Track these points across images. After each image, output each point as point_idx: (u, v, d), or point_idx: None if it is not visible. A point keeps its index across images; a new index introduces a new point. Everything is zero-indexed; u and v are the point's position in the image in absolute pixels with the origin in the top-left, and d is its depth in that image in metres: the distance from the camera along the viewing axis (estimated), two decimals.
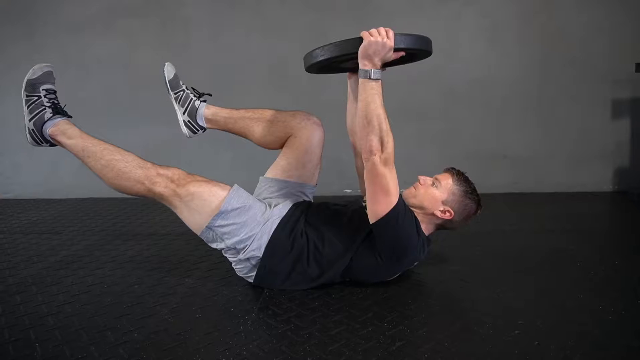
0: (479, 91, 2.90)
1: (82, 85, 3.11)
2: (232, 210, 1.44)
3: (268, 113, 1.68)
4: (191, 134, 1.69)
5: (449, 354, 1.11)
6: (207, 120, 1.68)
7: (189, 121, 1.65)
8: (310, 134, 1.64)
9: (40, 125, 1.53)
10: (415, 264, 1.53)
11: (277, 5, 2.94)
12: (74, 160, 3.37)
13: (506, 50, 2.86)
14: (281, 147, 1.68)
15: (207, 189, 1.46)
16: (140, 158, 1.52)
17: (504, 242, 1.94)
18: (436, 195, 1.47)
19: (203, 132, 1.70)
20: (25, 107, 1.54)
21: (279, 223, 1.46)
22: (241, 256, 1.46)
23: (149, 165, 1.49)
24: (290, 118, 1.66)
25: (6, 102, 3.19)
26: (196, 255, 1.88)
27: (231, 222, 1.43)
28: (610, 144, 2.87)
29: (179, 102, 1.70)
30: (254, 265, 1.47)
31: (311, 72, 1.60)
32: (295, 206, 1.54)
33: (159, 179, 1.46)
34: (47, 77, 1.57)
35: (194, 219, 1.47)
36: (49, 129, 1.53)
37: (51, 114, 1.53)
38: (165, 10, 3.01)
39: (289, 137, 1.66)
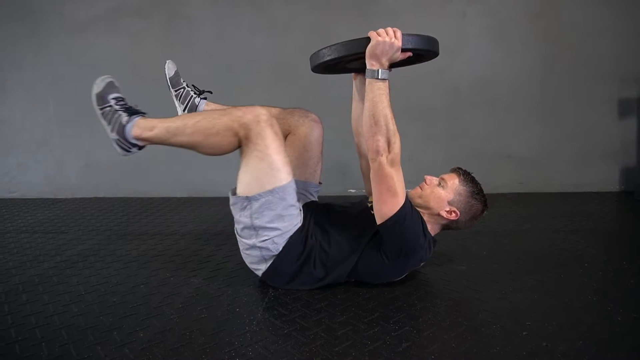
0: (484, 90, 2.88)
1: (86, 84, 3.11)
2: (282, 197, 1.40)
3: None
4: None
5: (456, 355, 1.10)
6: None
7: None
8: (308, 130, 1.65)
9: (122, 131, 1.50)
10: (422, 264, 1.52)
11: (281, 5, 2.93)
12: (79, 159, 3.40)
13: (511, 49, 2.85)
14: None
15: (281, 162, 1.40)
16: (219, 108, 1.45)
17: (510, 243, 1.93)
18: (442, 196, 1.46)
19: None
20: (103, 121, 1.54)
21: (299, 227, 1.46)
22: (257, 241, 1.42)
23: (230, 109, 1.44)
24: (288, 115, 1.67)
25: (11, 102, 3.20)
26: (201, 255, 1.88)
27: (272, 205, 1.39)
28: (616, 143, 2.85)
29: (179, 99, 1.70)
30: (264, 258, 1.45)
31: (317, 72, 1.60)
32: (306, 208, 1.54)
33: (247, 116, 1.38)
34: (111, 87, 1.56)
35: (248, 180, 1.41)
36: (132, 132, 1.49)
37: (127, 116, 1.51)
38: (169, 9, 3.01)
39: (288, 134, 1.66)
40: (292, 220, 1.43)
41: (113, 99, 1.55)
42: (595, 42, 2.78)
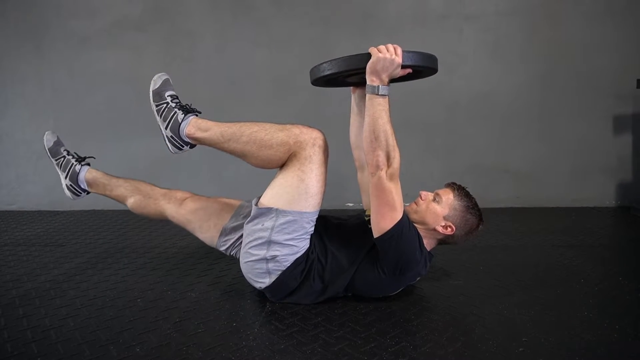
0: (482, 105, 2.91)
1: (88, 98, 3.15)
2: (308, 222, 1.42)
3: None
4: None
5: None
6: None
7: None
8: None
9: (176, 129, 1.51)
10: (418, 279, 1.52)
11: (282, 20, 2.98)
12: None
13: (508, 64, 2.89)
14: None
15: (319, 190, 1.42)
16: (279, 123, 1.46)
17: (506, 257, 1.94)
18: (437, 211, 1.47)
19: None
20: (158, 118, 1.55)
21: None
22: (266, 254, 1.42)
23: (288, 126, 1.44)
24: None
25: (12, 115, 3.22)
26: (199, 268, 1.88)
27: (296, 227, 1.40)
28: (612, 159, 2.88)
29: (60, 169, 1.84)
30: (270, 272, 1.44)
31: (317, 85, 1.62)
32: None
33: (304, 136, 1.39)
34: (167, 84, 1.59)
35: (281, 192, 1.41)
36: (185, 130, 1.50)
37: (183, 115, 1.52)
38: (170, 23, 3.06)
39: None
40: (305, 242, 1.45)
41: (169, 96, 1.57)
42: (592, 58, 2.82)
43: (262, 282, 1.47)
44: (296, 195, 1.40)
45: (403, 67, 1.33)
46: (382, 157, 1.31)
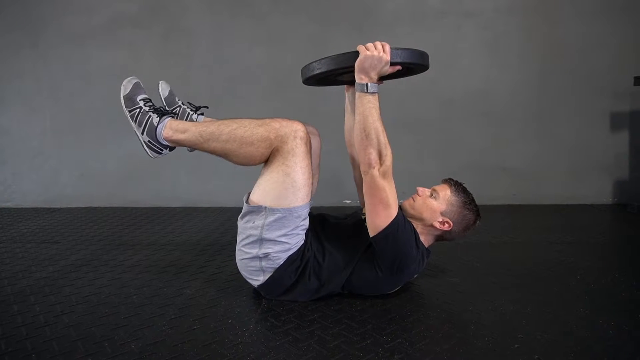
0: (479, 103, 2.91)
1: (84, 95, 3.13)
2: (298, 217, 1.40)
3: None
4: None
5: None
6: None
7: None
8: None
9: (153, 133, 1.49)
10: (415, 276, 1.52)
11: (279, 17, 2.97)
12: (74, 169, 3.39)
13: (506, 62, 2.89)
14: None
15: (305, 182, 1.39)
16: (259, 119, 1.44)
17: (503, 254, 1.94)
18: (434, 207, 1.47)
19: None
20: (133, 123, 1.52)
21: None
22: (259, 252, 1.41)
23: (268, 120, 1.42)
24: None
25: (8, 112, 3.21)
26: (195, 265, 1.88)
27: (286, 223, 1.39)
28: (609, 156, 2.88)
29: (176, 118, 1.70)
30: (263, 270, 1.44)
31: (309, 85, 1.62)
32: None
33: (284, 129, 1.37)
34: (137, 88, 1.56)
35: (268, 189, 1.40)
36: (162, 133, 1.48)
37: (158, 118, 1.50)
38: (168, 21, 3.04)
39: None
40: (299, 239, 1.44)
41: (141, 100, 1.54)
42: (590, 56, 2.82)
43: (257, 279, 1.47)
44: (283, 191, 1.39)
45: (392, 64, 1.33)
46: (374, 155, 1.30)
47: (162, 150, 1.52)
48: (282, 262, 1.42)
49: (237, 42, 3.01)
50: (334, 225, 1.55)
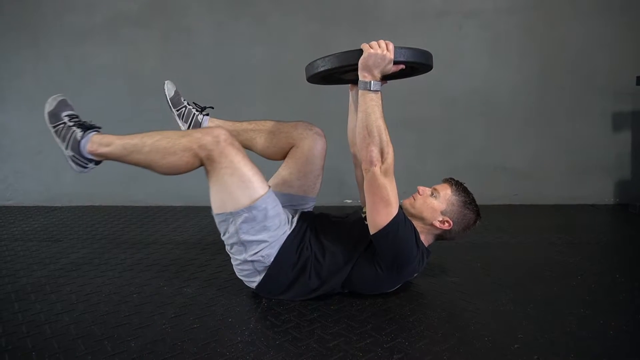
0: (480, 102, 2.91)
1: (85, 93, 3.14)
2: (263, 209, 1.40)
3: (270, 124, 1.69)
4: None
5: None
6: None
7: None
8: (312, 144, 1.65)
9: (77, 147, 1.50)
10: (415, 275, 1.52)
11: (280, 16, 2.97)
12: None
13: (507, 62, 2.88)
14: (284, 157, 1.69)
15: (251, 173, 1.40)
16: (180, 131, 1.46)
17: (504, 254, 1.93)
18: (435, 206, 1.47)
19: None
20: (57, 139, 1.53)
21: (289, 235, 1.46)
22: (247, 256, 1.43)
23: (190, 131, 1.45)
24: (292, 129, 1.67)
25: (9, 110, 3.21)
26: (195, 264, 1.88)
27: (256, 219, 1.40)
28: (611, 156, 2.87)
29: (182, 119, 1.71)
30: (257, 271, 1.45)
31: (312, 83, 1.62)
32: (303, 218, 1.55)
33: (206, 137, 1.39)
34: (63, 105, 1.57)
35: (222, 197, 1.41)
36: (87, 148, 1.49)
37: (81, 132, 1.52)
38: (168, 19, 3.04)
39: (292, 147, 1.66)
40: (278, 230, 1.44)
41: (66, 116, 1.55)
42: (590, 56, 2.81)
43: (253, 280, 1.48)
44: (235, 190, 1.39)
45: (396, 62, 1.33)
46: (376, 152, 1.30)
47: (87, 164, 1.53)
48: (272, 259, 1.42)
49: (237, 42, 3.01)
50: (334, 224, 1.55)
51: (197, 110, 1.72)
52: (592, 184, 2.89)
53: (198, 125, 1.70)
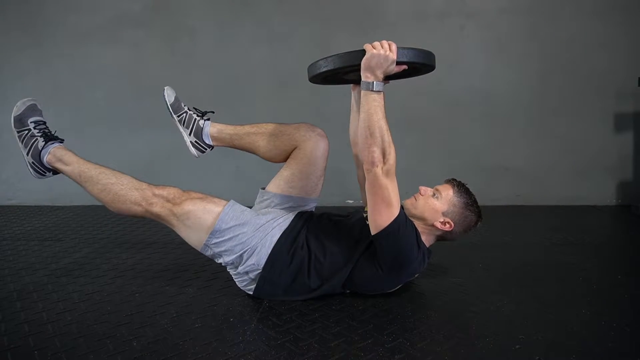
0: (482, 103, 2.91)
1: (88, 93, 3.15)
2: (227, 228, 1.45)
3: (272, 127, 1.68)
4: (199, 153, 1.71)
5: None
6: (213, 138, 1.70)
7: (196, 142, 1.67)
8: (314, 145, 1.64)
9: (37, 156, 1.57)
10: (416, 275, 1.52)
11: (282, 16, 2.97)
12: None
13: (509, 62, 2.88)
14: (285, 159, 1.69)
15: (202, 206, 1.48)
16: (136, 179, 1.54)
17: (505, 255, 1.93)
18: (436, 206, 1.47)
19: (211, 150, 1.72)
20: (20, 144, 1.60)
21: (280, 236, 1.46)
22: (240, 270, 1.47)
23: (144, 186, 1.51)
24: (294, 131, 1.67)
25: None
26: (197, 264, 1.88)
27: (226, 238, 1.45)
28: (613, 157, 2.87)
29: (183, 124, 1.72)
30: (253, 279, 1.47)
31: (315, 83, 1.62)
32: (298, 217, 1.55)
33: (155, 199, 1.48)
34: (31, 110, 1.61)
35: (192, 237, 1.50)
36: (46, 158, 1.57)
37: (43, 142, 1.58)
38: (171, 20, 3.05)
39: (294, 149, 1.66)
40: (250, 230, 1.47)
41: (32, 122, 1.60)
42: (592, 57, 2.81)
43: (252, 287, 1.50)
44: (196, 229, 1.47)
45: (398, 63, 1.33)
46: (378, 153, 1.30)
47: (45, 172, 1.61)
48: (263, 263, 1.44)
49: (239, 42, 3.01)
50: (335, 224, 1.55)
51: (198, 116, 1.72)
52: (594, 184, 2.89)
53: (200, 130, 1.68)
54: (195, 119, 1.70)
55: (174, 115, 1.69)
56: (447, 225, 1.46)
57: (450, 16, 2.87)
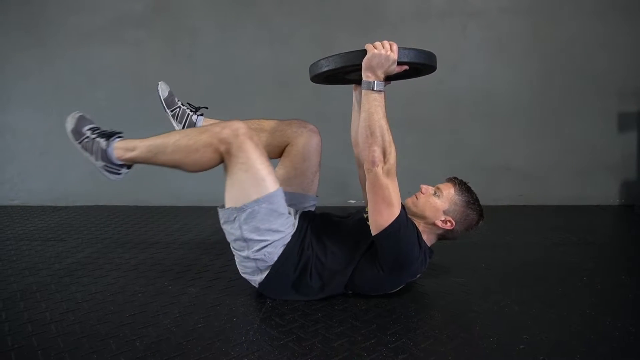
0: (484, 103, 2.90)
1: (90, 93, 3.15)
2: (271, 207, 1.40)
3: (265, 123, 1.69)
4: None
5: None
6: None
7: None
8: (306, 141, 1.66)
9: (106, 157, 1.52)
10: (418, 275, 1.52)
11: (283, 16, 2.97)
12: (80, 168, 3.40)
13: (511, 62, 2.87)
14: (279, 156, 1.70)
15: (265, 172, 1.40)
16: (200, 128, 1.47)
17: (508, 255, 1.93)
18: (437, 205, 1.47)
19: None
20: (85, 154, 1.55)
21: (292, 235, 1.46)
22: (250, 253, 1.42)
23: (209, 126, 1.45)
24: (286, 127, 1.68)
25: (14, 110, 3.23)
26: (200, 264, 1.88)
27: (262, 217, 1.39)
28: (616, 157, 2.86)
29: (176, 119, 1.72)
30: (259, 269, 1.45)
31: (316, 82, 1.62)
32: (303, 218, 1.55)
33: (225, 131, 1.39)
34: (82, 120, 1.58)
35: (234, 191, 1.41)
36: (114, 155, 1.52)
37: (105, 141, 1.54)
38: (172, 20, 3.05)
39: (287, 145, 1.67)
40: (283, 229, 1.43)
41: (88, 129, 1.57)
42: (596, 56, 2.80)
43: (256, 279, 1.48)
44: (248, 187, 1.39)
45: (399, 63, 1.33)
46: (378, 152, 1.30)
47: (119, 170, 1.56)
48: (275, 259, 1.42)
49: (240, 42, 3.01)
50: (336, 224, 1.55)
51: (191, 111, 1.73)
52: (597, 184, 2.88)
53: (192, 125, 1.70)
54: (189, 114, 1.70)
55: (167, 110, 1.70)
56: (449, 224, 1.46)
57: (452, 16, 2.86)
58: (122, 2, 3.06)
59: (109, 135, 1.56)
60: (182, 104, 1.74)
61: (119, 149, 1.52)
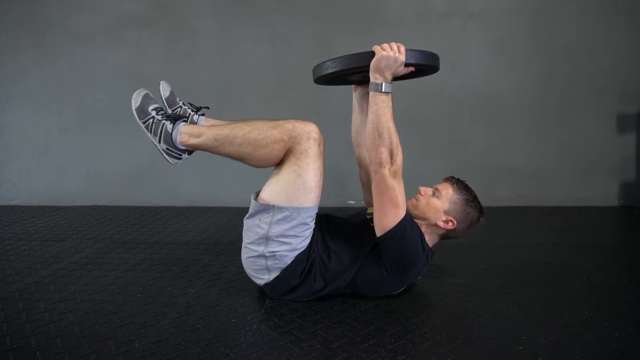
0: (485, 104, 2.90)
1: (90, 93, 3.15)
2: (306, 219, 1.40)
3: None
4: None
5: None
6: None
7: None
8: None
9: (169, 140, 1.50)
10: (419, 277, 1.52)
11: (284, 17, 2.97)
12: (80, 168, 3.40)
13: (511, 63, 2.87)
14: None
15: (315, 185, 1.39)
16: (269, 120, 1.44)
17: (508, 256, 1.93)
18: (438, 206, 1.46)
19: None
20: (149, 134, 1.53)
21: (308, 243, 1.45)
22: (265, 251, 1.41)
23: (280, 122, 1.42)
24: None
25: (14, 110, 3.23)
26: (199, 264, 1.88)
27: (295, 224, 1.38)
28: (616, 158, 2.86)
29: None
30: (269, 269, 1.44)
31: (319, 83, 1.62)
32: None
33: (298, 130, 1.37)
34: (148, 99, 1.56)
35: (278, 188, 1.40)
36: (178, 139, 1.49)
37: (171, 124, 1.51)
38: (173, 20, 3.05)
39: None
40: (305, 240, 1.43)
41: (153, 109, 1.55)
42: (595, 57, 2.80)
43: (262, 278, 1.47)
44: (294, 191, 1.38)
45: (406, 65, 1.34)
46: (386, 154, 1.30)
47: (181, 155, 1.53)
48: (289, 262, 1.41)
49: (241, 42, 3.01)
50: (339, 225, 1.55)
51: (192, 110, 1.72)
52: (597, 185, 2.87)
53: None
54: (190, 114, 1.70)
55: (169, 109, 1.69)
56: (450, 224, 1.46)
57: (453, 16, 2.86)
58: (122, 2, 3.06)
59: (174, 118, 1.54)
60: (183, 104, 1.74)
61: (184, 133, 1.49)
